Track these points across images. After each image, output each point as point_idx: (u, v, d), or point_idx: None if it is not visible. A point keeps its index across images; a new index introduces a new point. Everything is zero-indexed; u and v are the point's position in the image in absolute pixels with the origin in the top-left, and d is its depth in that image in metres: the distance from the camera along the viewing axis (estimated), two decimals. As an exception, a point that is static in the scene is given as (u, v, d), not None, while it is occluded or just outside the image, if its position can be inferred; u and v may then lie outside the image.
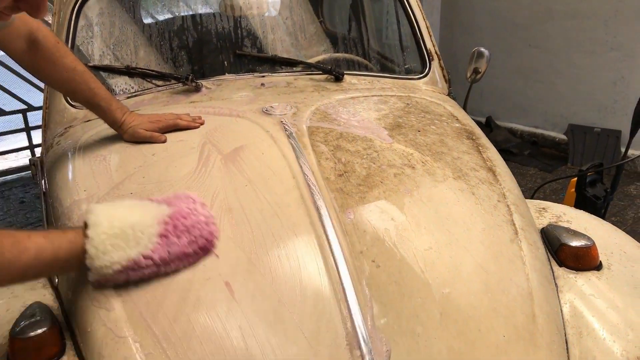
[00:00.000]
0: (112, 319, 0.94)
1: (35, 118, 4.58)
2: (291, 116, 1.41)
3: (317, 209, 1.08)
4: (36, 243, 0.87)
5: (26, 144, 4.53)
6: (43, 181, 1.49)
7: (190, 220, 0.97)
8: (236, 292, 0.95)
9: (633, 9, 3.92)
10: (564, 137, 4.51)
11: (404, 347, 0.91)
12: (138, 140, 1.34)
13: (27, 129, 4.46)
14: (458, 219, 1.12)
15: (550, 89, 4.59)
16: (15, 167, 4.62)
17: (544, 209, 1.39)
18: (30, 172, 1.70)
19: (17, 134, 4.55)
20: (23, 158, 4.83)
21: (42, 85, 4.35)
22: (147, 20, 1.97)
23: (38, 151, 4.54)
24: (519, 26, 4.69)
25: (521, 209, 1.20)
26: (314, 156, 1.23)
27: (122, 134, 1.35)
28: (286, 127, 1.34)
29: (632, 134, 2.69)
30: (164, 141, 1.34)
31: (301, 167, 1.18)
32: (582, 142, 4.34)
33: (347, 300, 0.94)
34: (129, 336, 0.91)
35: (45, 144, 1.58)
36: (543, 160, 4.43)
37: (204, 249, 0.98)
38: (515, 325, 0.98)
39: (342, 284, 0.96)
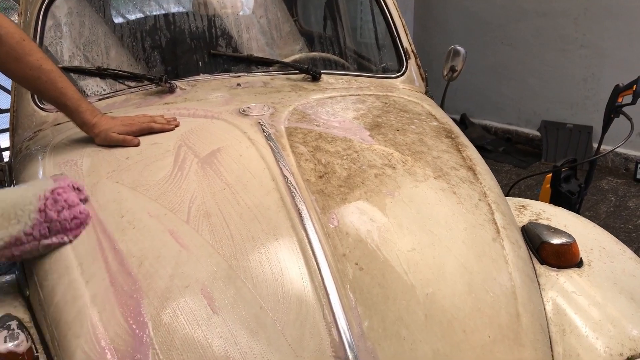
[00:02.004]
0: (89, 333, 0.90)
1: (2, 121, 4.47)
2: (269, 117, 1.39)
3: (298, 212, 1.06)
4: None
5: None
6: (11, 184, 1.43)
7: (67, 196, 1.04)
8: (216, 299, 0.92)
9: (602, 7, 3.98)
10: (537, 133, 4.56)
11: (389, 351, 0.90)
12: (110, 143, 1.30)
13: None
14: (440, 219, 1.11)
15: (523, 86, 4.64)
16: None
17: (523, 206, 1.39)
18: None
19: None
20: (-10, 162, 4.69)
21: (7, 85, 4.25)
22: (118, 20, 1.92)
23: (5, 155, 4.42)
24: (492, 25, 4.73)
25: (502, 208, 1.20)
26: (293, 157, 1.21)
27: (93, 137, 1.31)
28: (264, 128, 1.31)
29: (604, 129, 2.73)
30: (138, 145, 1.30)
31: (281, 169, 1.16)
32: (555, 138, 4.40)
33: (331, 305, 0.92)
34: (107, 350, 0.88)
35: (14, 149, 1.53)
36: (517, 157, 4.48)
37: (83, 224, 1.05)
38: (499, 324, 0.97)
39: (325, 288, 0.94)
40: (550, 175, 2.81)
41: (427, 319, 0.94)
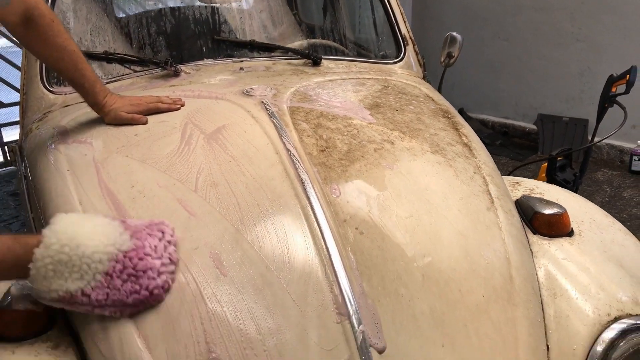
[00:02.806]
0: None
1: (6, 117, 4.51)
2: (271, 97, 1.44)
3: (301, 181, 1.10)
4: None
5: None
6: (23, 166, 1.48)
7: (143, 265, 0.91)
8: (224, 260, 0.97)
9: (598, 1, 4.04)
10: (533, 127, 4.62)
11: (388, 307, 0.95)
12: (119, 122, 1.35)
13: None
14: (437, 190, 1.16)
15: (519, 80, 4.70)
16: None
17: (517, 183, 1.44)
18: None
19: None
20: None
21: (9, 80, 4.29)
22: (124, 8, 1.97)
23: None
24: (488, 20, 4.78)
25: (496, 180, 1.25)
26: (295, 133, 1.26)
27: (103, 116, 1.36)
28: (267, 107, 1.36)
29: (599, 119, 2.79)
30: (145, 123, 1.35)
31: (284, 143, 1.20)
32: (551, 132, 4.45)
33: (333, 266, 0.97)
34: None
35: (24, 130, 1.58)
36: (514, 150, 4.53)
37: (145, 302, 0.91)
38: (493, 286, 1.02)
39: (327, 250, 0.99)
40: (546, 164, 2.86)
41: (424, 279, 0.99)
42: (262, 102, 1.39)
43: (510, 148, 4.58)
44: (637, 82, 2.57)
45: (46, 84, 1.61)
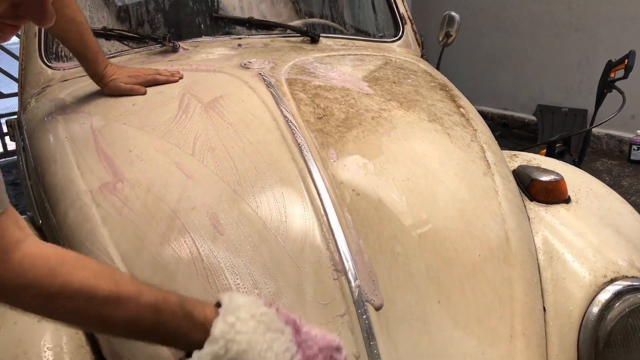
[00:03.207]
0: (100, 249, 0.96)
1: (6, 108, 4.52)
2: (269, 70, 1.44)
3: (299, 146, 1.11)
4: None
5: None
6: (22, 139, 1.48)
7: None
8: (221, 219, 0.97)
9: (596, -9, 4.05)
10: (533, 118, 4.62)
11: (384, 265, 0.95)
12: (118, 93, 1.35)
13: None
14: (433, 155, 1.16)
15: (518, 71, 4.71)
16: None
17: (515, 155, 1.45)
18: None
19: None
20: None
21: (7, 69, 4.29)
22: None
23: (8, 139, 4.46)
24: (487, 11, 4.79)
25: (493, 148, 1.25)
26: (293, 102, 1.26)
27: (102, 87, 1.36)
28: (265, 78, 1.36)
29: (597, 105, 2.79)
30: (144, 93, 1.35)
31: (281, 111, 1.21)
32: (551, 122, 4.46)
33: (329, 224, 0.97)
34: (120, 267, 0.93)
35: (22, 104, 1.58)
36: (513, 141, 4.54)
37: None
38: (489, 246, 1.02)
39: (324, 209, 0.99)
40: (545, 151, 2.87)
41: (420, 238, 0.99)
42: (260, 73, 1.39)
43: (510, 139, 4.59)
44: (637, 72, 2.57)
45: (45, 60, 1.61)
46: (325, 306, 0.89)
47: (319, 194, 1.01)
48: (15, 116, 1.72)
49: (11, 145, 4.62)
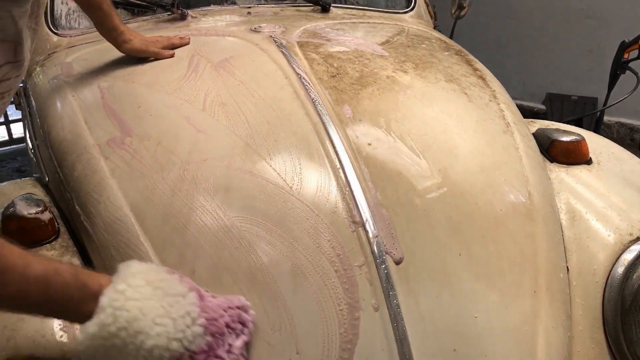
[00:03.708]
0: (109, 200, 0.93)
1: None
2: (280, 33, 1.40)
3: (312, 101, 1.07)
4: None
5: None
6: (27, 104, 1.46)
7: None
8: (234, 170, 0.94)
9: (607, -24, 3.99)
10: (542, 106, 4.57)
11: (403, 217, 0.91)
12: (140, 54, 1.29)
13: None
14: (452, 112, 1.13)
15: (527, 59, 4.65)
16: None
17: (532, 121, 1.41)
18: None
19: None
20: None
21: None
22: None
23: (13, 127, 4.45)
24: (496, -2, 4.73)
25: (512, 108, 1.22)
26: (305, 61, 1.23)
27: (118, 44, 1.29)
28: (276, 40, 1.33)
29: (611, 86, 2.74)
30: (172, 56, 1.30)
31: (293, 68, 1.17)
32: (560, 111, 4.41)
33: (346, 176, 0.93)
34: (130, 216, 0.90)
35: (28, 71, 1.55)
36: (522, 129, 4.50)
37: None
38: (511, 201, 0.99)
39: (340, 162, 0.95)
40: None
41: (440, 190, 0.95)
42: (271, 36, 1.36)
43: (518, 127, 4.55)
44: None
45: (50, 26, 1.58)
46: (342, 256, 0.85)
47: (334, 147, 0.98)
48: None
49: (17, 133, 4.61)
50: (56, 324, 0.82)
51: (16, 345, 0.78)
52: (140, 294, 0.69)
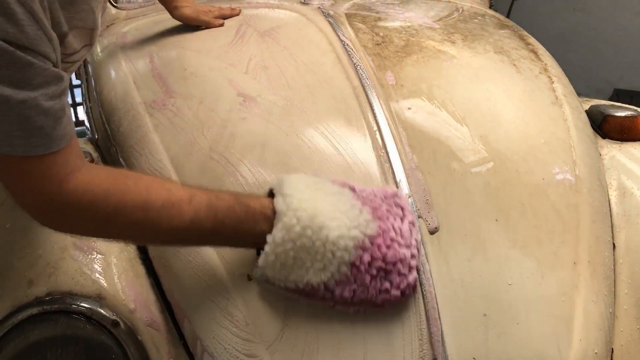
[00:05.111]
0: (151, 152, 0.96)
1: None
2: (329, 5, 1.41)
3: (354, 66, 1.07)
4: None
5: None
6: (85, 72, 1.52)
7: (393, 255, 0.74)
8: (272, 127, 0.95)
9: (685, -35, 3.76)
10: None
11: (439, 180, 0.90)
12: (190, 22, 1.32)
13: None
14: (498, 82, 1.10)
15: (594, 53, 4.44)
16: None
17: (586, 100, 1.35)
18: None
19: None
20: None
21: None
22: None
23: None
24: (563, -10, 4.55)
25: (563, 81, 1.17)
26: (351, 30, 1.23)
27: (171, 9, 1.31)
28: (323, 11, 1.33)
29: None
30: (222, 25, 1.32)
31: (338, 36, 1.17)
32: (627, 107, 4.20)
33: (382, 137, 0.93)
34: (169, 168, 0.93)
35: (87, 41, 1.62)
36: (585, 126, 4.32)
37: (392, 304, 0.77)
38: (554, 170, 0.95)
39: (377, 124, 0.95)
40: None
41: (479, 155, 0.93)
42: (319, 7, 1.36)
43: (581, 124, 4.37)
44: None
45: (111, 0, 1.64)
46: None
47: (372, 110, 0.97)
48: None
49: (82, 116, 4.81)
50: (94, 265, 0.85)
51: (57, 281, 0.82)
52: (307, 196, 0.74)
